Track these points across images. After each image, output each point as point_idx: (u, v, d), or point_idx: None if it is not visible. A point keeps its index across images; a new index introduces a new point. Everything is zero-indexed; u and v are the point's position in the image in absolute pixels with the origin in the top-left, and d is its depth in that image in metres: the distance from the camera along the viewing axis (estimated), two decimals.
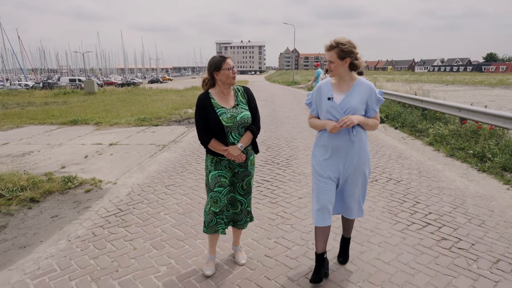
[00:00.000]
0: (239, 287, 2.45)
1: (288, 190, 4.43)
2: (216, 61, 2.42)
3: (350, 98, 2.31)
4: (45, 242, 3.16)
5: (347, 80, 2.36)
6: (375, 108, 2.39)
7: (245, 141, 2.45)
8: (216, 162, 2.47)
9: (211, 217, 2.50)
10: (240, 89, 2.57)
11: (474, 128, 6.99)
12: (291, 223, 3.46)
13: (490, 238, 3.17)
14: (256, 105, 2.56)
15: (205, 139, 2.41)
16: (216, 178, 2.45)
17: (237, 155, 2.39)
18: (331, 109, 2.32)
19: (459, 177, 5.05)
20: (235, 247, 2.79)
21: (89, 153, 6.43)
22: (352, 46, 2.25)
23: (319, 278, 2.42)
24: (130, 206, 3.95)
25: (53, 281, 2.53)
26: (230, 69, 2.40)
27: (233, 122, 2.40)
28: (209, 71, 2.44)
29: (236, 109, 2.44)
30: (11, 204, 3.93)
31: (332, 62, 2.29)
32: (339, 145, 2.35)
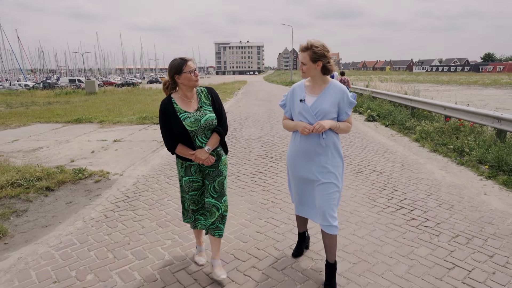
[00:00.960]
0: (233, 256, 2.89)
1: (279, 180, 4.88)
2: (176, 64, 2.31)
3: (321, 101, 2.32)
4: (64, 222, 3.59)
5: (319, 83, 2.38)
6: (347, 111, 2.39)
7: (212, 143, 2.40)
8: (186, 167, 2.46)
9: (190, 215, 2.60)
10: (204, 90, 2.50)
11: (456, 125, 7.45)
12: (280, 207, 3.91)
13: (454, 219, 3.62)
14: (222, 105, 2.51)
15: (171, 145, 2.36)
16: (188, 184, 2.47)
17: (204, 158, 2.35)
18: (303, 111, 2.34)
19: (439, 169, 5.50)
20: (214, 260, 2.56)
21: (95, 148, 6.86)
22: (325, 50, 2.27)
23: (299, 252, 2.83)
24: (136, 194, 4.38)
25: (74, 252, 2.97)
26: (191, 72, 2.31)
27: (197, 126, 2.34)
28: (170, 75, 2.35)
29: (200, 112, 2.39)
30: (29, 192, 4.36)
31: (304, 64, 2.31)
32: (310, 148, 2.37)
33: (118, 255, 2.90)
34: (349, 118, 2.44)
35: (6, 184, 4.46)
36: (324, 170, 2.36)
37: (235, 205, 3.95)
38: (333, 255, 2.42)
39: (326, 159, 2.36)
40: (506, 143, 5.78)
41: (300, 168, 2.44)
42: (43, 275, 2.63)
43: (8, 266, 2.77)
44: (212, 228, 2.49)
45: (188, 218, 2.64)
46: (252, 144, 7.23)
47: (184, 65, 2.30)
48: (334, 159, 2.39)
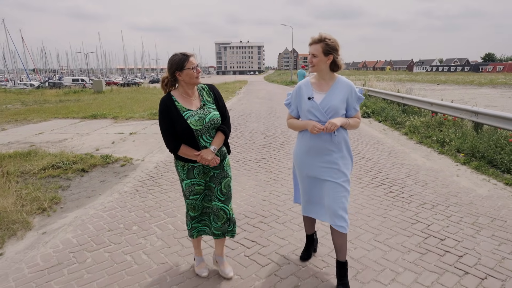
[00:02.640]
0: (244, 215, 3.65)
1: (280, 164, 5.65)
2: (178, 60, 2.17)
3: (331, 98, 2.27)
4: (103, 194, 4.36)
5: (327, 79, 2.32)
6: (355, 106, 2.35)
7: (218, 142, 2.29)
8: (188, 169, 2.31)
9: (188, 222, 2.48)
10: (205, 88, 2.38)
11: (441, 120, 8.21)
12: (281, 183, 4.68)
13: (426, 192, 4.37)
14: (224, 103, 2.41)
15: (173, 146, 2.21)
16: (190, 187, 2.32)
17: (211, 158, 2.23)
18: (312, 109, 2.28)
19: (421, 157, 6.25)
20: (219, 257, 2.56)
21: (115, 140, 7.63)
22: (337, 43, 2.24)
23: (307, 255, 2.74)
24: (158, 175, 5.15)
25: (118, 213, 3.73)
26: (194, 68, 2.18)
27: (202, 124, 2.22)
28: (170, 71, 2.20)
29: (204, 110, 2.27)
30: (67, 173, 5.13)
31: (315, 56, 2.24)
32: (321, 146, 2.31)
33: (153, 214, 3.67)
34: (358, 113, 2.40)
35: (48, 166, 5.23)
36: (334, 168, 2.31)
37: (243, 183, 4.72)
38: (344, 254, 2.37)
39: (337, 156, 2.32)
40: (481, 134, 6.53)
41: (310, 166, 2.37)
42: (98, 227, 3.40)
43: (69, 222, 3.54)
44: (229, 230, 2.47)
45: (187, 226, 2.51)
46: (255, 136, 7.99)
47: (186, 61, 2.16)
48: (344, 156, 2.36)
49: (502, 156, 5.34)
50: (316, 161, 2.35)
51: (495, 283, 2.48)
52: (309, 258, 2.75)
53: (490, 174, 5.10)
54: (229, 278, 2.47)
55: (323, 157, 2.33)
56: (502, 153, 5.42)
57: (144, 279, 2.53)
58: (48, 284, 2.48)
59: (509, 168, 5.08)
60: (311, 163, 2.38)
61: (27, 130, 9.01)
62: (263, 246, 3.00)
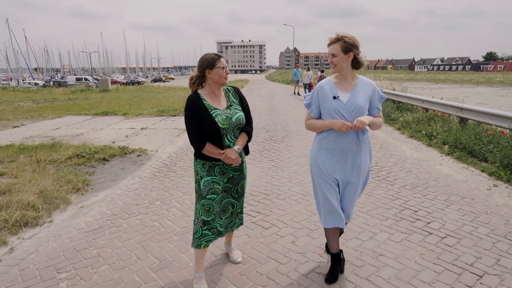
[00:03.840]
0: (250, 194, 4.26)
1: (281, 154, 6.26)
2: (210, 58, 2.26)
3: (356, 97, 2.24)
4: (125, 179, 4.98)
5: (349, 79, 2.29)
6: (378, 106, 2.34)
7: (241, 143, 2.35)
8: (209, 167, 2.33)
9: (198, 228, 2.35)
10: (231, 90, 2.46)
11: (431, 116, 8.80)
12: (282, 169, 5.29)
13: (409, 177, 4.97)
14: (248, 106, 2.47)
15: (199, 143, 2.24)
16: (209, 185, 2.31)
17: (235, 158, 2.28)
18: (339, 109, 2.23)
19: (410, 149, 6.85)
20: (228, 246, 2.73)
21: (128, 134, 8.26)
22: (356, 40, 2.23)
23: (334, 278, 2.44)
24: (172, 163, 5.77)
25: (141, 192, 4.35)
26: (223, 68, 2.26)
27: (228, 123, 2.28)
28: (201, 68, 2.27)
29: (230, 110, 2.33)
30: (91, 161, 5.75)
31: (335, 55, 2.22)
32: (347, 147, 2.27)
33: (172, 193, 4.29)
34: (380, 113, 2.38)
35: (73, 156, 5.86)
36: (358, 170, 2.32)
37: (248, 169, 5.33)
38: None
39: (361, 158, 2.32)
40: (465, 128, 7.12)
41: (336, 169, 2.31)
42: (126, 202, 4.02)
43: (101, 199, 4.16)
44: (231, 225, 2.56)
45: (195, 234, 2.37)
46: (258, 131, 8.60)
47: (218, 61, 2.25)
48: (366, 157, 2.37)
49: (480, 147, 5.94)
50: (344, 164, 2.30)
51: (452, 240, 3.09)
52: (335, 281, 2.45)
53: (469, 163, 5.69)
54: (237, 262, 2.66)
55: (348, 159, 2.29)
56: (481, 144, 6.02)
57: (172, 237, 3.15)
58: (95, 241, 3.10)
59: (486, 157, 5.67)
60: (337, 166, 2.31)
61: (44, 125, 9.64)
62: (266, 215, 3.62)
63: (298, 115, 11.28)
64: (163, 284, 2.48)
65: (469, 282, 2.48)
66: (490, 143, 5.89)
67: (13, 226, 3.30)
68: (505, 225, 3.42)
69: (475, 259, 2.79)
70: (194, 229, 2.39)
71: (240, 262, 2.66)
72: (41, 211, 3.65)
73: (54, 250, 2.95)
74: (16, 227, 3.30)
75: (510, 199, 4.14)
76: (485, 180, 4.84)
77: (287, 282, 2.48)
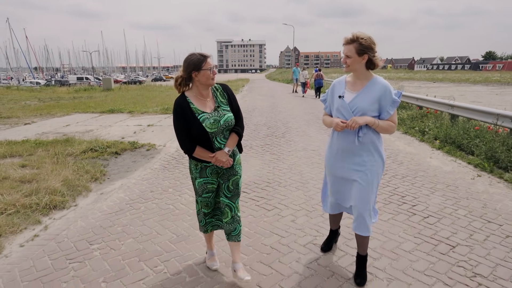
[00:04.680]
0: (253, 182, 4.67)
1: (282, 148, 6.68)
2: (195, 60, 2.19)
3: (360, 98, 2.23)
4: (137, 170, 5.39)
5: (362, 79, 2.27)
6: (389, 110, 2.25)
7: (232, 144, 2.33)
8: (201, 168, 2.34)
9: (201, 218, 2.51)
10: (219, 88, 2.39)
11: (424, 113, 9.21)
12: (282, 161, 5.71)
13: (400, 168, 5.38)
14: (238, 103, 2.44)
15: (189, 147, 2.24)
16: (203, 186, 2.36)
17: (225, 160, 2.27)
18: (341, 108, 2.26)
19: (404, 144, 7.26)
20: (235, 264, 2.49)
21: (136, 130, 8.67)
22: (372, 42, 2.18)
23: (329, 247, 2.85)
24: (180, 156, 6.18)
25: (154, 181, 4.76)
26: (211, 69, 2.21)
27: (217, 127, 2.24)
28: (187, 71, 2.21)
29: (218, 112, 2.29)
30: (104, 155, 6.16)
31: (349, 57, 2.19)
32: (345, 147, 2.30)
33: (183, 182, 4.71)
34: (393, 117, 2.29)
35: (87, 150, 6.27)
36: (361, 169, 2.29)
37: (251, 162, 5.74)
38: (364, 249, 2.46)
39: (365, 158, 2.28)
40: (455, 124, 7.54)
41: (337, 167, 2.39)
42: (142, 189, 4.43)
43: (118, 187, 4.57)
44: (235, 234, 2.45)
45: (200, 223, 2.54)
46: (259, 128, 9.01)
47: (204, 62, 2.19)
48: (372, 159, 2.30)
49: (468, 141, 6.35)
50: (345, 163, 2.34)
51: (433, 220, 3.50)
52: (329, 250, 2.84)
53: (458, 156, 6.11)
54: (245, 281, 2.41)
55: (352, 158, 2.31)
56: (468, 138, 6.43)
57: (185, 218, 3.56)
58: (118, 220, 3.51)
59: (473, 150, 6.09)
60: (339, 164, 2.38)
61: (54, 122, 10.05)
62: (269, 200, 4.03)
63: (298, 113, 11.69)
64: (182, 253, 2.89)
65: (443, 251, 2.89)
66: (477, 137, 6.31)
67: (44, 208, 3.71)
68: (483, 208, 3.83)
69: (451, 233, 3.21)
70: (198, 218, 2.55)
71: (248, 281, 2.43)
72: (66, 197, 4.06)
73: (83, 227, 3.36)
74: (46, 209, 3.72)
75: (490, 187, 4.55)
76: (470, 171, 5.25)
77: (287, 251, 2.90)
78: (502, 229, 3.31)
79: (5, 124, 9.73)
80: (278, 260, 2.77)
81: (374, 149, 2.30)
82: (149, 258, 2.79)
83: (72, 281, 2.50)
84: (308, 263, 2.71)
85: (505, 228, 3.33)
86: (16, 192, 4.04)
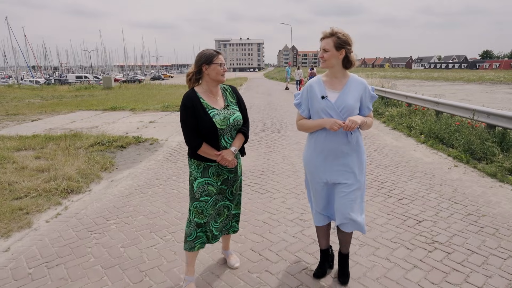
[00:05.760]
0: (249, 171, 5.14)
1: (276, 142, 7.16)
2: (208, 54, 2.23)
3: (345, 96, 2.20)
4: (143, 161, 5.85)
5: (339, 77, 2.24)
6: (369, 105, 2.29)
7: (238, 144, 2.31)
8: (203, 168, 2.28)
9: (191, 230, 2.31)
10: (228, 89, 2.41)
11: (412, 110, 9.71)
12: (276, 153, 6.19)
13: (384, 160, 5.86)
14: (245, 106, 2.43)
15: (196, 143, 2.19)
16: (203, 186, 2.26)
17: (231, 159, 2.24)
18: (327, 109, 2.19)
19: (391, 139, 7.75)
20: (226, 251, 2.60)
21: (138, 126, 9.12)
22: (349, 38, 2.19)
23: (322, 273, 2.52)
24: (181, 149, 6.64)
25: (159, 170, 5.23)
26: (221, 65, 2.22)
27: (226, 124, 2.23)
28: (198, 64, 2.23)
29: (228, 110, 2.28)
30: (110, 148, 6.61)
31: (326, 50, 2.17)
32: (336, 148, 2.23)
33: (185, 171, 5.17)
34: (370, 112, 2.33)
35: (95, 143, 6.72)
36: (347, 170, 2.26)
37: (248, 154, 6.20)
38: (347, 247, 2.46)
39: (352, 158, 2.26)
40: (439, 120, 8.03)
41: (325, 170, 2.29)
42: (148, 177, 4.90)
43: (126, 175, 5.04)
44: (226, 228, 2.48)
45: (188, 237, 2.32)
46: (256, 124, 9.48)
47: (216, 57, 2.22)
48: (360, 158, 2.29)
49: (449, 135, 6.85)
50: (333, 165, 2.26)
51: (406, 201, 3.99)
52: (324, 276, 2.53)
53: (439, 149, 6.60)
54: (234, 268, 2.54)
55: (339, 160, 2.25)
56: (450, 133, 6.93)
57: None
58: (129, 202, 3.98)
59: (452, 143, 6.58)
60: (326, 167, 2.28)
61: (59, 119, 10.48)
62: (263, 185, 4.51)
63: (294, 110, 12.17)
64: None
65: (410, 224, 3.38)
66: (457, 132, 6.80)
67: (62, 192, 4.18)
68: (453, 192, 4.32)
69: (420, 211, 3.69)
70: (187, 231, 2.32)
71: (237, 268, 2.57)
72: (81, 183, 4.52)
73: (99, 207, 3.83)
74: (64, 193, 4.18)
75: (464, 175, 5.04)
76: (449, 162, 5.74)
77: (277, 224, 3.38)
78: (466, 209, 3.80)
79: (13, 121, 10.17)
80: (268, 231, 3.25)
81: (359, 146, 2.29)
82: (159, 230, 3.27)
83: (95, 246, 2.97)
84: (294, 233, 3.19)
85: (469, 208, 3.82)
86: (36, 179, 4.51)
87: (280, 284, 2.46)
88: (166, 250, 2.90)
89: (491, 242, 3.05)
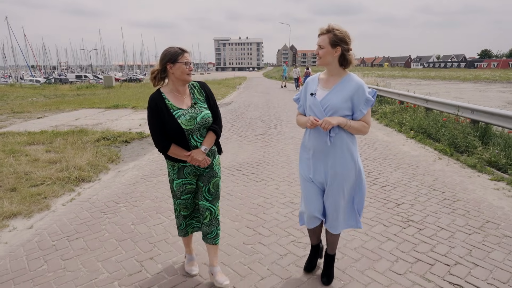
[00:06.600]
0: (246, 163, 5.52)
1: (272, 137, 7.55)
2: (173, 52, 2.15)
3: (332, 96, 2.14)
4: (146, 155, 6.23)
5: (334, 75, 2.20)
6: (362, 109, 2.15)
7: (209, 142, 2.25)
8: (178, 169, 2.27)
9: (181, 221, 2.43)
10: (196, 85, 2.33)
11: (404, 107, 10.10)
12: (272, 147, 6.57)
13: (374, 153, 6.25)
14: (216, 101, 2.37)
15: (163, 145, 2.17)
16: (182, 187, 2.29)
17: (201, 159, 2.20)
18: (313, 106, 2.19)
19: (382, 134, 8.13)
20: (213, 268, 2.44)
21: (141, 123, 9.49)
22: (347, 35, 2.11)
23: (312, 266, 2.55)
24: None
25: (162, 162, 5.60)
26: (187, 63, 2.15)
27: (193, 124, 2.18)
28: (162, 62, 2.16)
29: (195, 109, 2.22)
30: (115, 143, 6.99)
31: (322, 47, 2.12)
32: (318, 147, 2.21)
33: None
34: (366, 117, 2.20)
35: (100, 138, 7.10)
36: (331, 173, 2.20)
37: (245, 148, 6.60)
38: (333, 248, 2.45)
39: (334, 161, 2.18)
40: (428, 116, 8.42)
41: (309, 168, 2.29)
42: (152, 168, 5.28)
43: (132, 167, 5.42)
44: (211, 236, 2.39)
45: (180, 226, 2.46)
46: (253, 121, 9.86)
47: (181, 55, 2.14)
48: (344, 161, 2.19)
49: (436, 130, 7.24)
50: (315, 163, 2.25)
51: (389, 188, 4.38)
52: (313, 269, 2.56)
53: (426, 144, 6.98)
54: (223, 286, 2.35)
55: (321, 159, 2.22)
56: (437, 128, 7.32)
57: None
58: (136, 189, 4.36)
59: (439, 138, 6.97)
60: (310, 165, 2.28)
61: (64, 117, 10.85)
62: (258, 175, 4.89)
63: (290, 108, 12.56)
64: None
65: (390, 206, 3.77)
66: (443, 127, 7.19)
67: (74, 180, 4.56)
68: (433, 181, 4.71)
69: (400, 196, 4.08)
70: (177, 222, 2.45)
71: (227, 286, 2.36)
72: (91, 173, 4.90)
73: (109, 193, 4.21)
74: (76, 181, 4.56)
75: (446, 166, 5.43)
76: (434, 155, 6.13)
77: (270, 207, 3.77)
78: (443, 195, 4.18)
79: (19, 118, 10.54)
80: (262, 212, 3.64)
81: (348, 151, 2.19)
82: (165, 211, 3.65)
83: (109, 224, 3.35)
84: (285, 214, 3.58)
85: (445, 194, 4.20)
86: (49, 169, 4.88)
87: (271, 252, 2.85)
88: (172, 227, 3.29)
89: (460, 221, 3.44)
